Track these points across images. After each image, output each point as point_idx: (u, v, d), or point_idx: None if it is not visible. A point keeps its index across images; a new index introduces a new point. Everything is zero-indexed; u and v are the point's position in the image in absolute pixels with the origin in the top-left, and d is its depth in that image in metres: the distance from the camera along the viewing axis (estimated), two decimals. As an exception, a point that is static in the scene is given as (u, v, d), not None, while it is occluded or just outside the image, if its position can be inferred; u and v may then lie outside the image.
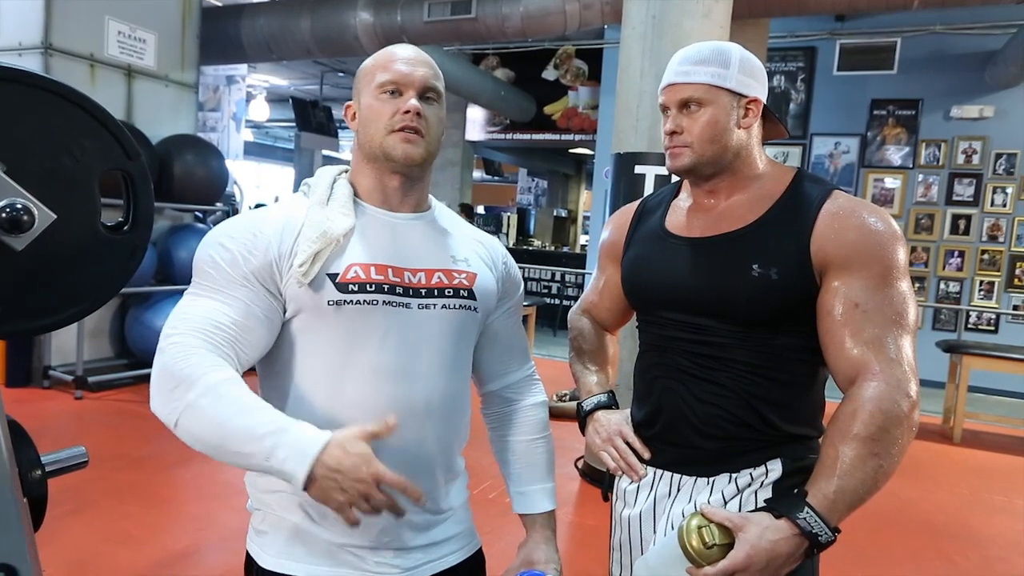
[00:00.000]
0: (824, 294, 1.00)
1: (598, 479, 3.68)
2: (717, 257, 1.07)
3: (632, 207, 1.27)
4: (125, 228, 0.99)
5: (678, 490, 1.10)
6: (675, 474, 1.11)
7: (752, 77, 1.06)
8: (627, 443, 1.16)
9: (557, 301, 9.34)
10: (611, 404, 1.23)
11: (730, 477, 1.06)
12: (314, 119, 8.75)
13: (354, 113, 1.03)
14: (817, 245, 1.00)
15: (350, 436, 0.83)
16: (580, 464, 3.60)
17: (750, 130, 1.08)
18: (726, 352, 1.05)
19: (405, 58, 1.00)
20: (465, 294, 1.02)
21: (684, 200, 1.17)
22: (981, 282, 6.42)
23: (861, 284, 0.97)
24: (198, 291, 0.94)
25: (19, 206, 0.83)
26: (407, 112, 0.97)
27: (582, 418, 1.24)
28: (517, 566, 1.10)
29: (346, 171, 1.06)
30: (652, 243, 1.17)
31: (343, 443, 0.82)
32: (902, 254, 0.99)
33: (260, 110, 10.34)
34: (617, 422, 1.19)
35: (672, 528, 1.06)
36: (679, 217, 1.15)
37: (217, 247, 0.95)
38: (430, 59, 1.03)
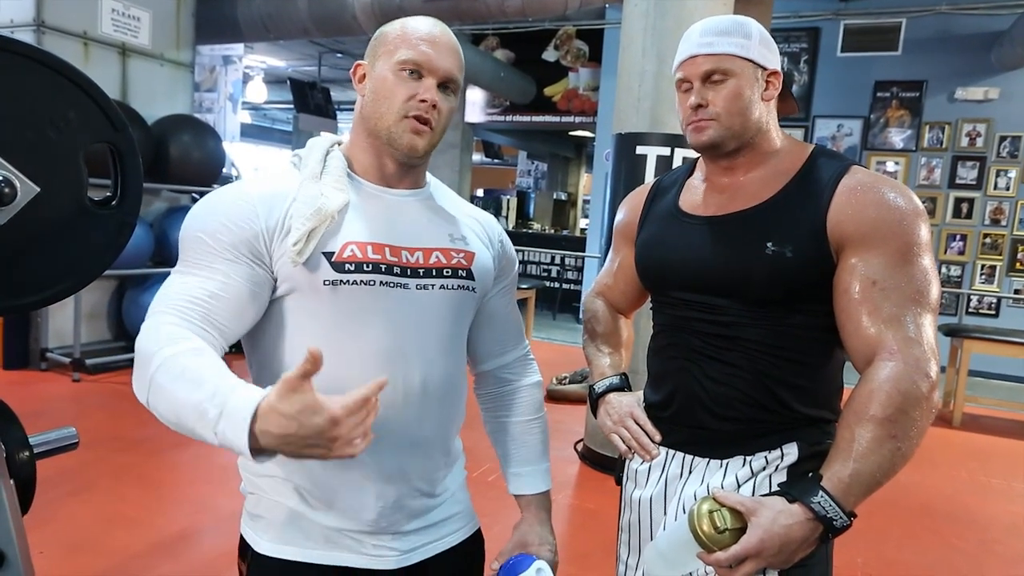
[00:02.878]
0: (841, 272, 0.97)
1: (598, 462, 3.70)
2: (731, 236, 1.04)
3: (646, 187, 1.25)
4: (113, 203, 0.96)
5: (690, 472, 1.08)
6: (687, 455, 1.09)
7: (770, 50, 1.04)
8: (639, 424, 1.14)
9: (556, 284, 9.32)
10: (623, 386, 1.21)
11: (744, 460, 1.04)
12: (312, 101, 8.68)
13: (363, 75, 0.98)
14: (834, 222, 0.97)
15: (280, 394, 0.71)
16: (580, 447, 3.59)
17: (770, 104, 1.05)
18: (740, 332, 1.03)
19: (434, 39, 0.95)
20: (463, 274, 1.00)
21: (698, 179, 1.15)
22: (983, 266, 6.40)
23: (880, 261, 0.94)
24: (182, 268, 0.91)
25: (0, 178, 0.81)
26: (423, 102, 0.93)
27: (594, 400, 1.22)
28: (511, 548, 1.09)
29: (339, 143, 1.02)
30: (665, 223, 1.14)
31: (275, 407, 0.71)
32: (924, 230, 0.95)
33: (257, 91, 10.25)
34: (628, 404, 1.17)
35: (683, 511, 1.04)
36: (693, 196, 1.13)
37: (200, 219, 0.92)
38: (457, 43, 0.98)
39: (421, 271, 0.96)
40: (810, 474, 0.93)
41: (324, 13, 5.64)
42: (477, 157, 13.23)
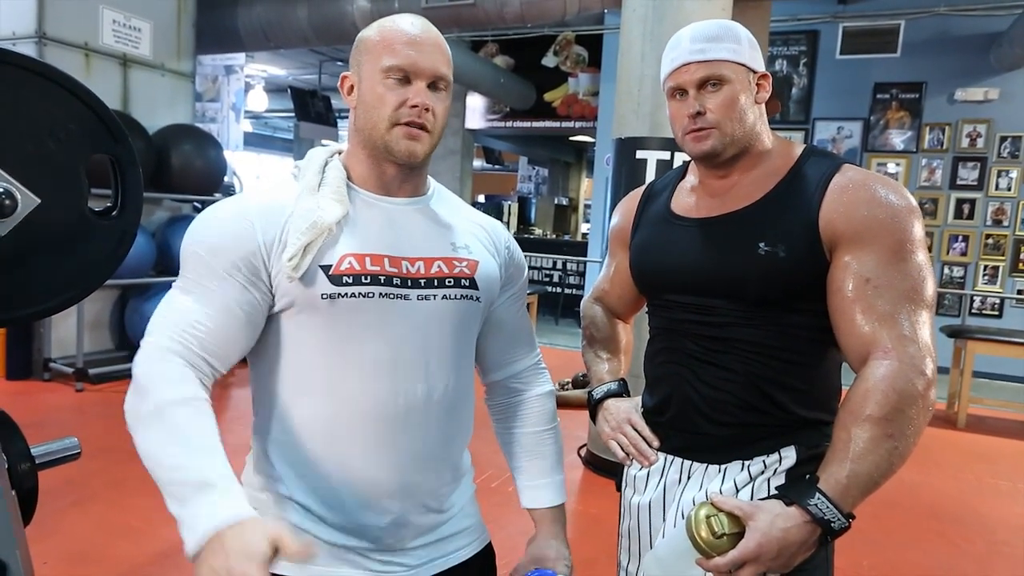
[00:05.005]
0: (834, 270, 0.97)
1: (602, 467, 3.69)
2: (723, 237, 1.04)
3: (639, 191, 1.25)
4: (114, 213, 0.96)
5: (688, 477, 1.08)
6: (685, 460, 1.09)
7: (757, 52, 1.04)
8: (637, 430, 1.13)
9: (559, 289, 9.32)
10: (622, 392, 1.20)
11: (742, 464, 1.03)
12: (313, 109, 8.71)
13: (351, 86, 0.95)
14: (826, 220, 0.96)
15: (262, 527, 0.72)
16: (583, 452, 3.59)
17: (761, 106, 1.05)
18: (734, 334, 1.02)
19: (416, 39, 0.91)
20: (466, 283, 0.97)
21: (691, 181, 1.14)
22: (985, 267, 6.38)
23: (873, 259, 0.94)
24: (181, 285, 0.90)
25: (0, 190, 0.81)
26: (414, 107, 0.90)
27: (592, 407, 1.22)
28: (527, 563, 1.07)
29: (338, 153, 1.00)
30: (658, 226, 1.14)
31: (246, 528, 0.71)
32: (917, 226, 0.95)
33: (258, 100, 10.28)
34: (626, 410, 1.16)
35: (682, 517, 1.03)
36: (685, 199, 1.13)
37: (200, 235, 0.91)
38: (440, 37, 0.95)
39: (422, 281, 0.94)
40: (807, 476, 0.92)
41: (324, 21, 5.66)
42: (478, 163, 13.25)
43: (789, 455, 1.01)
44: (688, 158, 1.13)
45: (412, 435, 0.94)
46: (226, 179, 5.30)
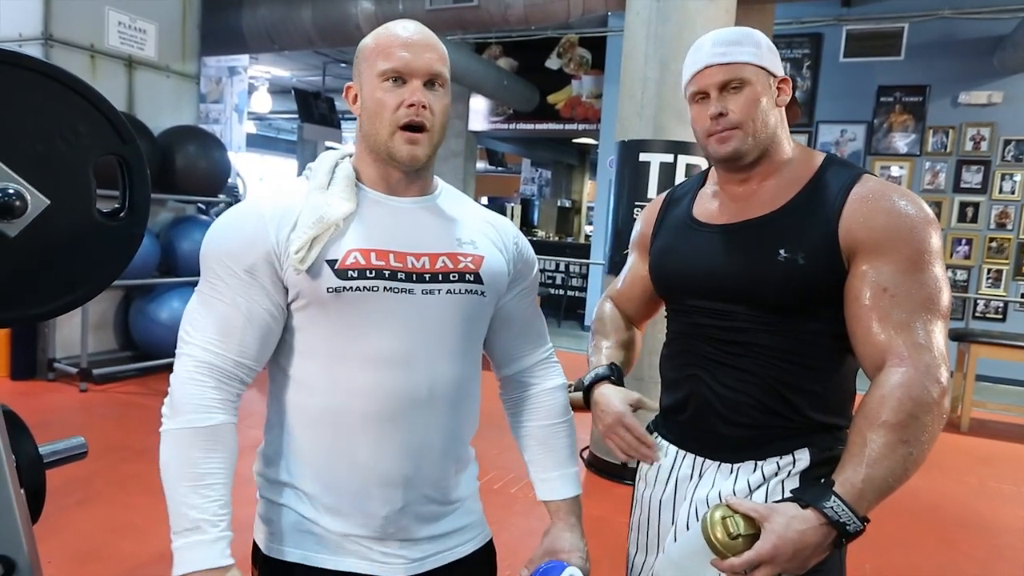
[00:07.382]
0: (852, 279, 0.98)
1: (604, 469, 3.67)
2: (743, 243, 1.05)
3: (660, 198, 1.26)
4: (121, 214, 0.97)
5: (700, 475, 1.09)
6: (698, 456, 1.09)
7: (776, 57, 1.06)
8: (631, 432, 1.12)
9: (561, 292, 9.32)
10: (610, 376, 1.17)
11: (755, 465, 1.04)
12: (316, 110, 8.72)
13: (355, 95, 0.99)
14: (845, 229, 0.98)
15: None
16: (585, 455, 3.59)
17: (781, 111, 1.07)
18: (752, 338, 1.04)
19: (408, 41, 0.94)
20: (471, 278, 0.99)
21: (711, 188, 1.16)
22: (989, 270, 6.37)
23: (890, 269, 0.95)
24: (206, 291, 0.94)
25: (11, 191, 0.81)
26: (412, 106, 0.93)
27: (585, 395, 1.21)
28: (540, 555, 1.08)
29: (349, 156, 1.03)
30: (679, 231, 1.15)
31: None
32: (935, 238, 0.96)
33: (262, 101, 10.31)
34: (616, 410, 1.12)
35: (694, 514, 1.04)
36: (706, 205, 1.14)
37: (220, 241, 0.94)
38: (434, 38, 0.98)
39: (427, 276, 0.96)
40: (822, 480, 0.93)
41: (328, 23, 5.68)
42: (481, 165, 13.26)
43: (803, 457, 1.02)
44: (707, 164, 1.15)
45: (416, 426, 0.96)
46: (230, 180, 5.32)
